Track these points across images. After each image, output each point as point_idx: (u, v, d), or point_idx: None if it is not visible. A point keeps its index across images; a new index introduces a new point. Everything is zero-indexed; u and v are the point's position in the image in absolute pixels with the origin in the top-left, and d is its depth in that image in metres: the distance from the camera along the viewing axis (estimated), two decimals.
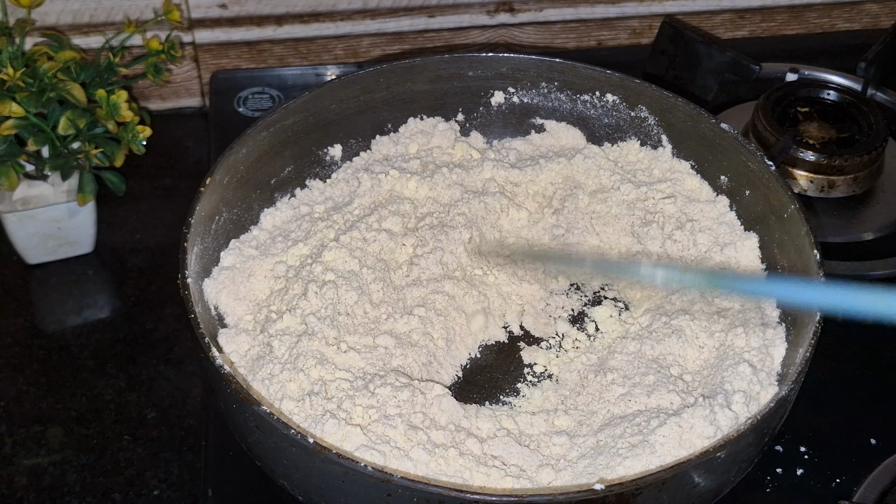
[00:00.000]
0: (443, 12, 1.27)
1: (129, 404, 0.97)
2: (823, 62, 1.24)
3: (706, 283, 0.79)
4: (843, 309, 0.70)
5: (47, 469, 0.91)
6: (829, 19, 1.38)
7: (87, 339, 1.02)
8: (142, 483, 0.91)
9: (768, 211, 0.91)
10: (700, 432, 0.75)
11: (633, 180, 0.99)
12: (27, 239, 1.04)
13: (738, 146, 0.93)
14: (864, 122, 1.12)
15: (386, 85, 1.01)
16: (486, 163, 1.00)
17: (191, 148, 1.24)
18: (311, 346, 0.82)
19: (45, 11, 1.15)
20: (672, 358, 0.84)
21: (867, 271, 1.02)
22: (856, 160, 1.08)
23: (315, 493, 0.73)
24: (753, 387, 0.79)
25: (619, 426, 0.78)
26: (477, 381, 0.88)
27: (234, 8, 1.21)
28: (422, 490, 0.67)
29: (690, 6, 1.33)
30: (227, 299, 0.88)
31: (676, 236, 0.93)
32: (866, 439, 0.89)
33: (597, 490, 0.67)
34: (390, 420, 0.77)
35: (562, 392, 0.85)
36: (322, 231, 0.93)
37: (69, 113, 0.97)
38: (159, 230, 1.13)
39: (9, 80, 0.95)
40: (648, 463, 0.74)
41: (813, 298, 0.73)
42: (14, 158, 0.98)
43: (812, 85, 1.17)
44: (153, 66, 1.07)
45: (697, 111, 0.97)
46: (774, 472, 0.87)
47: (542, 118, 1.05)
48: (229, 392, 0.73)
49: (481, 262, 0.92)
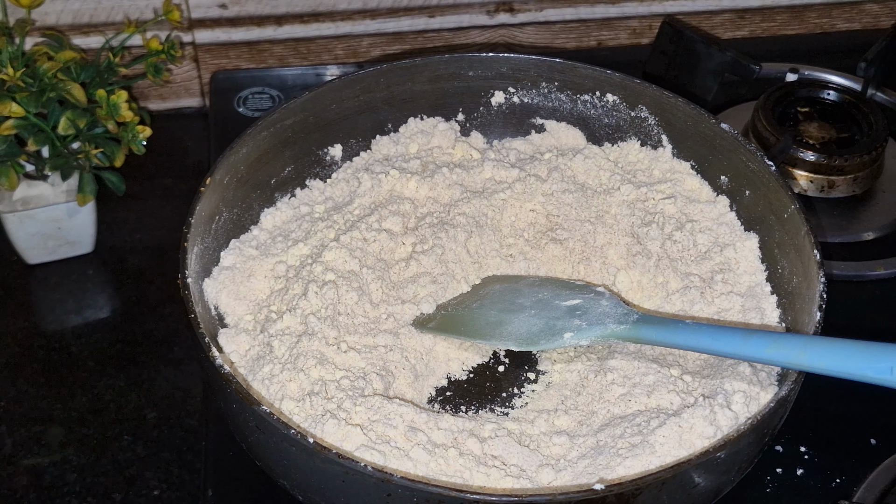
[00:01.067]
0: (443, 12, 1.27)
1: (129, 404, 0.97)
2: (823, 62, 1.25)
3: (633, 339, 0.80)
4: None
5: (47, 469, 0.92)
6: (829, 19, 1.38)
7: (87, 339, 1.02)
8: (142, 483, 0.91)
9: (768, 211, 0.91)
10: (700, 432, 0.75)
11: (633, 181, 0.99)
12: (27, 239, 1.04)
13: (738, 146, 0.93)
14: (864, 122, 1.12)
15: (386, 85, 1.01)
16: (487, 163, 1.00)
17: (191, 148, 1.24)
18: (312, 346, 0.82)
19: (45, 11, 1.15)
20: (672, 358, 0.85)
21: (867, 271, 1.03)
22: (856, 160, 1.08)
23: (315, 493, 0.73)
24: (753, 387, 0.79)
25: (619, 426, 0.78)
26: (477, 381, 0.88)
27: (235, 8, 1.21)
28: (422, 490, 0.67)
29: (690, 6, 1.33)
30: (228, 299, 0.88)
31: (676, 237, 0.93)
32: (866, 439, 0.89)
33: (597, 490, 0.67)
34: (390, 420, 0.77)
35: (562, 392, 0.85)
36: (322, 231, 0.93)
37: (69, 113, 0.97)
38: (159, 230, 1.13)
39: (9, 80, 0.95)
40: (648, 463, 0.74)
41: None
42: (14, 158, 0.98)
43: (812, 85, 1.17)
44: (153, 66, 1.07)
45: (697, 111, 0.97)
46: (774, 472, 0.87)
47: (543, 118, 1.05)
48: (229, 392, 0.73)
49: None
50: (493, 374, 0.89)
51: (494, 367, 0.89)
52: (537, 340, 0.83)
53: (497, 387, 0.88)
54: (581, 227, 0.96)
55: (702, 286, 0.89)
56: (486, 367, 0.89)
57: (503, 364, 0.89)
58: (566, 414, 0.82)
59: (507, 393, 0.87)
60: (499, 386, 0.88)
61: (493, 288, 0.90)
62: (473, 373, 0.89)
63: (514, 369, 0.89)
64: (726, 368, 0.81)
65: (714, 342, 0.75)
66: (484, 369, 0.89)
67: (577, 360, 0.87)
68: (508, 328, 0.84)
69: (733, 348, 0.74)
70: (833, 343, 0.69)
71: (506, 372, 0.89)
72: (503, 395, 0.87)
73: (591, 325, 0.81)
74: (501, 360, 0.90)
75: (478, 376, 0.88)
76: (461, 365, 0.89)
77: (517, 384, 0.88)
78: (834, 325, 0.78)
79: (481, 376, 0.88)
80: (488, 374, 0.89)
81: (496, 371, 0.89)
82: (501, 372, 0.89)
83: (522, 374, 0.89)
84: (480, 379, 0.88)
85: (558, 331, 0.82)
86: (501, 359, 0.90)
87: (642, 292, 0.92)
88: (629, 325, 0.80)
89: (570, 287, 0.87)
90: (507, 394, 0.87)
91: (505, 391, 0.87)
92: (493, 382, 0.88)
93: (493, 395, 0.87)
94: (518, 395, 0.87)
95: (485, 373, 0.89)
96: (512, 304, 0.87)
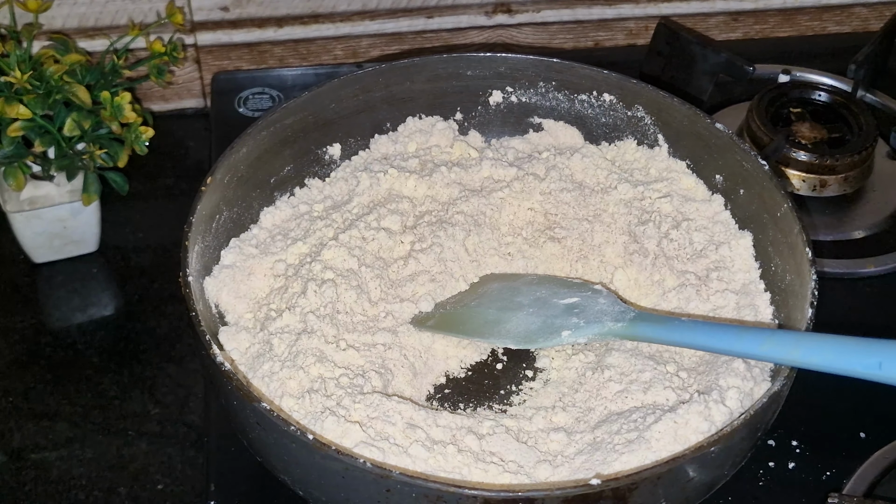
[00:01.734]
0: (441, 13, 1.28)
1: (132, 400, 0.97)
2: (815, 64, 1.25)
3: (630, 336, 0.81)
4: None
5: (54, 463, 0.92)
6: (821, 22, 1.38)
7: (91, 337, 1.03)
8: (146, 477, 0.92)
9: (762, 210, 0.91)
10: (695, 427, 0.75)
11: (630, 179, 0.99)
12: (33, 238, 1.05)
13: (732, 146, 0.93)
14: (855, 123, 1.13)
15: (385, 84, 1.01)
16: (485, 161, 1.01)
17: (192, 148, 1.24)
18: (311, 343, 0.82)
19: (51, 15, 1.16)
20: (668, 355, 0.85)
21: (858, 269, 1.04)
22: (847, 160, 1.09)
23: (315, 489, 0.74)
24: (747, 383, 0.79)
25: (615, 422, 0.78)
26: (475, 378, 0.88)
27: (236, 10, 1.22)
28: (420, 486, 0.67)
29: (685, 8, 1.33)
30: (228, 297, 0.88)
31: (672, 235, 0.93)
32: (856, 433, 0.90)
33: (593, 485, 0.68)
34: (389, 417, 0.77)
35: (560, 389, 0.85)
36: (321, 230, 0.93)
37: (75, 115, 0.98)
38: (161, 229, 1.13)
39: (17, 82, 0.96)
40: (644, 458, 0.74)
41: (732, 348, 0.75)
42: (21, 159, 0.99)
43: (804, 86, 1.18)
44: (156, 68, 1.07)
45: (693, 111, 0.97)
46: (767, 466, 0.87)
47: (540, 117, 1.05)
48: (230, 389, 0.73)
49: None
50: (491, 371, 0.89)
51: (493, 365, 0.89)
52: (535, 338, 0.84)
53: (495, 384, 0.88)
54: (579, 226, 0.96)
55: (697, 284, 0.89)
56: (485, 364, 0.89)
57: (501, 362, 0.90)
58: (563, 411, 0.82)
59: (504, 390, 0.87)
60: (497, 383, 0.88)
61: (492, 286, 0.91)
62: (472, 370, 0.89)
63: (512, 367, 0.89)
64: (721, 365, 0.81)
65: (709, 339, 0.76)
66: (482, 367, 0.89)
67: (574, 357, 0.88)
68: (507, 326, 0.85)
69: (728, 345, 0.75)
70: (824, 339, 0.70)
71: (504, 369, 0.89)
72: (501, 393, 0.87)
73: (589, 322, 0.82)
74: (500, 357, 0.90)
75: (476, 374, 0.89)
76: (459, 363, 0.89)
77: (515, 381, 0.88)
78: (826, 321, 0.78)
79: (479, 374, 0.89)
80: (486, 372, 0.89)
81: (494, 369, 0.89)
82: (499, 369, 0.89)
83: (520, 372, 0.89)
84: (479, 376, 0.88)
85: (556, 329, 0.83)
86: (500, 356, 0.90)
87: (639, 290, 0.92)
88: (626, 322, 0.81)
89: (567, 285, 0.87)
90: (504, 391, 0.87)
91: (503, 388, 0.88)
92: (492, 380, 0.88)
93: (491, 393, 0.87)
94: (516, 392, 0.87)
95: (483, 370, 0.89)
96: (510, 303, 0.87)
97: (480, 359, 0.90)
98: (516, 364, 0.90)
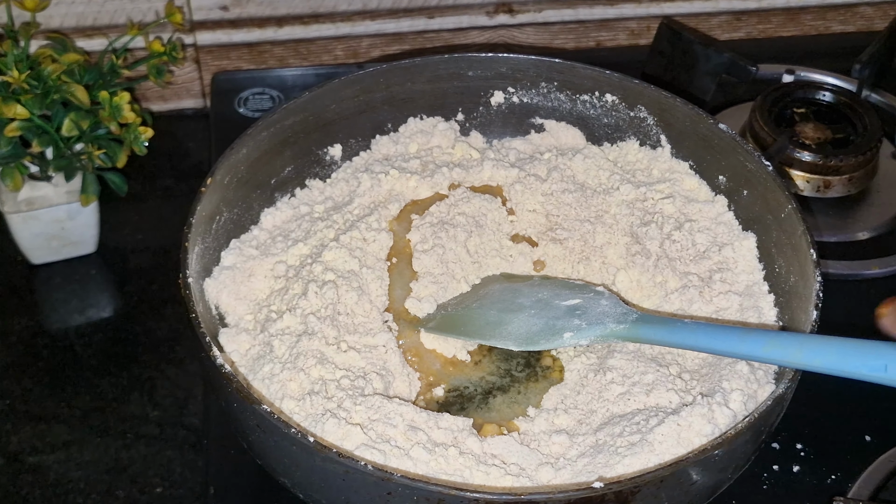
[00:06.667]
0: (442, 13, 1.28)
1: (131, 403, 0.97)
2: (819, 64, 1.25)
3: (632, 338, 0.81)
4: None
5: (52, 466, 0.92)
6: (824, 21, 1.38)
7: (90, 339, 1.03)
8: (145, 480, 0.92)
9: (766, 211, 0.91)
10: (698, 430, 0.75)
11: (632, 180, 0.99)
12: (31, 239, 1.05)
13: (736, 146, 0.93)
14: (859, 123, 1.13)
15: (386, 85, 1.01)
16: (486, 162, 1.01)
17: (192, 148, 1.24)
18: (312, 345, 0.82)
19: (49, 14, 1.16)
20: (671, 357, 0.85)
21: (862, 270, 1.03)
22: (851, 160, 1.09)
23: (316, 492, 0.74)
24: (751, 385, 0.79)
25: (618, 425, 0.78)
26: (475, 379, 0.88)
27: (236, 10, 1.22)
28: (421, 488, 0.67)
29: (688, 8, 1.33)
30: (228, 299, 0.88)
31: (675, 236, 0.93)
32: (861, 436, 0.90)
33: (596, 488, 0.67)
34: (390, 419, 0.77)
35: (562, 391, 0.85)
36: (322, 231, 0.93)
37: (73, 115, 0.98)
38: (161, 230, 1.13)
39: (14, 82, 0.95)
40: (647, 461, 0.74)
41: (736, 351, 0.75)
42: (19, 160, 0.99)
43: (808, 86, 1.18)
44: (155, 68, 1.07)
45: (696, 111, 0.96)
46: (771, 469, 0.87)
47: (542, 118, 1.05)
48: (230, 391, 0.73)
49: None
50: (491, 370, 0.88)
51: (493, 365, 0.88)
52: (537, 340, 0.84)
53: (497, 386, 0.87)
54: (581, 227, 0.96)
55: (700, 285, 0.89)
56: (485, 363, 0.89)
57: (502, 363, 0.89)
58: (566, 413, 0.82)
59: (505, 391, 0.86)
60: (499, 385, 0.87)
61: (493, 287, 0.90)
62: (472, 370, 0.88)
63: (513, 368, 0.88)
64: (724, 367, 0.81)
65: (712, 341, 0.76)
66: (483, 367, 0.88)
67: (576, 359, 0.87)
68: (508, 328, 0.85)
69: (731, 347, 0.75)
70: (829, 341, 0.70)
71: (506, 370, 0.88)
72: (502, 394, 0.86)
73: (591, 324, 0.82)
74: (500, 358, 0.89)
75: (477, 374, 0.88)
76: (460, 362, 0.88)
77: (517, 382, 0.87)
78: (830, 323, 0.78)
79: (480, 374, 0.88)
80: (487, 372, 0.88)
81: (494, 368, 0.88)
82: (501, 370, 0.88)
83: (523, 373, 0.88)
84: (479, 377, 0.88)
85: (558, 330, 0.83)
86: (500, 357, 0.89)
87: (641, 292, 0.92)
88: (628, 324, 0.80)
89: (569, 287, 0.87)
90: (505, 391, 0.86)
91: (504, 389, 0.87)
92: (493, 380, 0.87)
93: (491, 393, 0.86)
94: (519, 393, 0.86)
95: (484, 370, 0.88)
96: (512, 304, 0.87)
97: (480, 359, 0.89)
98: (518, 366, 0.89)
